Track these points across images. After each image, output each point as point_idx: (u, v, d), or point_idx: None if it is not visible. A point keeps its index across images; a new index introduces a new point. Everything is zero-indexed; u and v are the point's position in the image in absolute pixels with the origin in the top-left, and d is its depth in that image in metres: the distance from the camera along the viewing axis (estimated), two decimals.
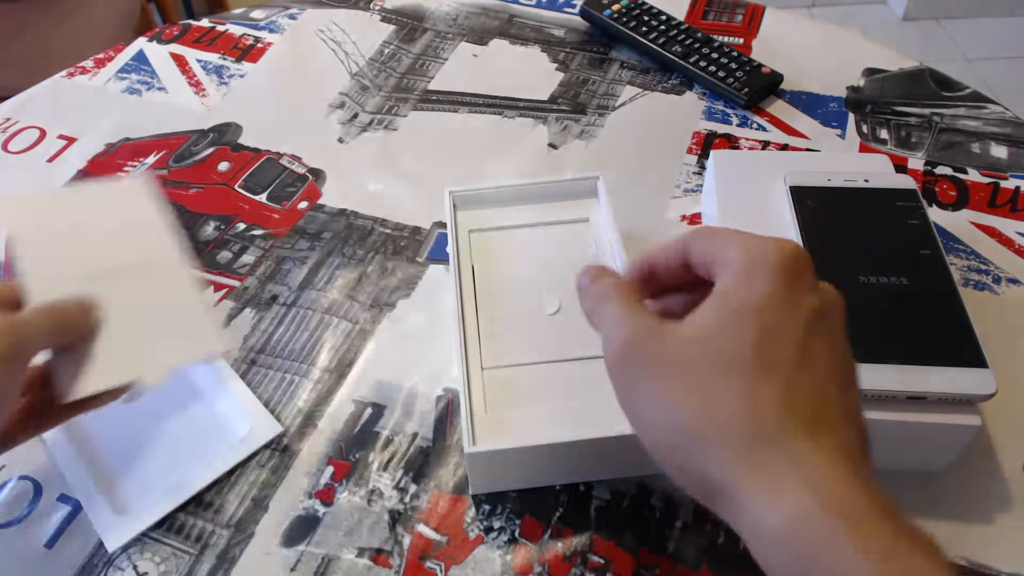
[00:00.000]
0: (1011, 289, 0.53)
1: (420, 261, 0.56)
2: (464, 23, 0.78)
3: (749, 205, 0.50)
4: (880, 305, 0.42)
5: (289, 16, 0.79)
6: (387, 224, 0.58)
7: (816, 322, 0.29)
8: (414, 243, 0.57)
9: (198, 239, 0.58)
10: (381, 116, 0.68)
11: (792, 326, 0.28)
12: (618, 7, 0.74)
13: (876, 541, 0.24)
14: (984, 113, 0.66)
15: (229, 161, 0.64)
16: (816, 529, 0.24)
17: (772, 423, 0.26)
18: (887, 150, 0.63)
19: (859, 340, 0.41)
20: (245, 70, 0.73)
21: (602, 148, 0.64)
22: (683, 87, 0.70)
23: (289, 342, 0.51)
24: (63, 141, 0.66)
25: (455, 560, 0.41)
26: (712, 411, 0.27)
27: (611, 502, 0.43)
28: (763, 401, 0.27)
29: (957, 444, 0.41)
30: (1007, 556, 0.41)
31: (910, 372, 0.39)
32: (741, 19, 0.77)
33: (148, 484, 0.44)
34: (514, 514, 0.43)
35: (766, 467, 0.26)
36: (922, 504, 0.42)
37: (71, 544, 0.42)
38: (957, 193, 0.59)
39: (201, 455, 0.45)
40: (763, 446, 0.26)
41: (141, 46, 0.76)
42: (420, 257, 0.56)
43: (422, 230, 0.58)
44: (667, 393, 0.28)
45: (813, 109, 0.67)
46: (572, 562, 0.41)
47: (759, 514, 0.25)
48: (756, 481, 0.26)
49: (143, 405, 0.45)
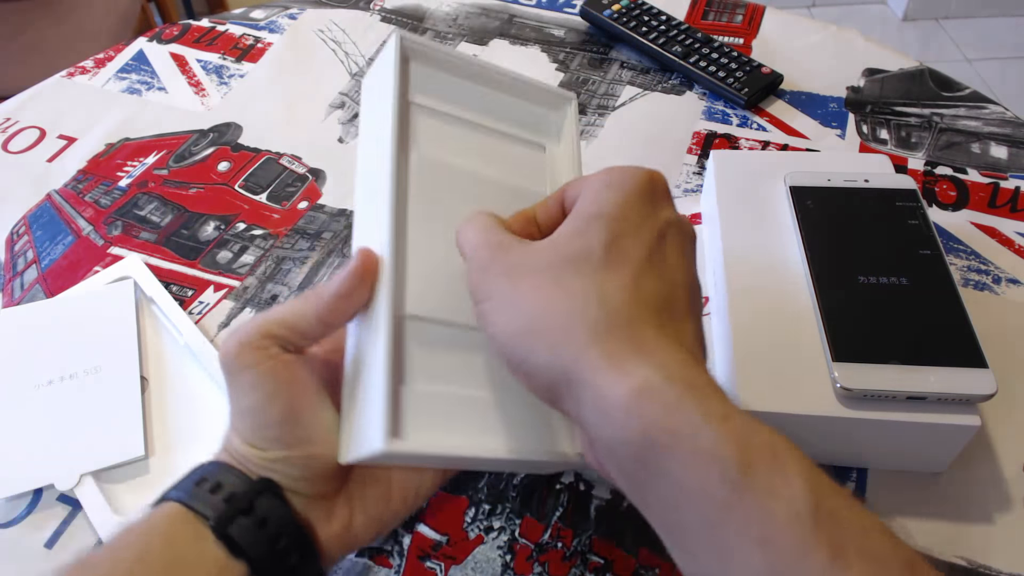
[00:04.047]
0: (1011, 289, 0.53)
1: None
2: (464, 23, 0.78)
3: (749, 205, 0.50)
4: (880, 305, 0.42)
5: (289, 16, 0.79)
6: None
7: (668, 232, 0.31)
8: None
9: (198, 239, 0.58)
10: None
11: (643, 229, 0.30)
12: (618, 7, 0.74)
13: (717, 406, 0.26)
14: (984, 113, 0.66)
15: (229, 161, 0.64)
16: (660, 397, 0.26)
17: (620, 313, 0.28)
18: (887, 150, 0.63)
19: (859, 340, 0.41)
20: (245, 70, 0.73)
21: (602, 148, 0.64)
22: (683, 87, 0.70)
23: None
24: (63, 141, 0.66)
25: (455, 560, 0.41)
26: (562, 304, 0.28)
27: (611, 502, 0.43)
28: (611, 293, 0.28)
29: (957, 444, 0.41)
30: (1007, 556, 0.41)
31: (910, 372, 0.39)
32: (741, 19, 0.77)
33: (148, 484, 0.44)
34: (514, 514, 0.43)
35: (613, 352, 0.27)
36: (922, 504, 0.42)
37: (71, 544, 0.42)
38: (957, 193, 0.59)
39: (200, 455, 0.45)
40: (610, 333, 0.27)
41: (141, 46, 0.76)
42: None
43: None
44: (521, 294, 0.29)
45: (813, 109, 0.67)
46: (572, 562, 0.41)
47: (606, 391, 0.26)
48: (605, 364, 0.27)
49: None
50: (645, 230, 0.30)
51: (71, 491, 0.43)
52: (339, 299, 0.32)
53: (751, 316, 0.44)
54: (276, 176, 0.63)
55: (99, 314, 0.52)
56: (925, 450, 0.42)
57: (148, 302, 0.53)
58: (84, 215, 0.60)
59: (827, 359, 0.41)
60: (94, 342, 0.50)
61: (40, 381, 0.48)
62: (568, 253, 0.29)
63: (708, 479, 0.25)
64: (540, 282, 0.29)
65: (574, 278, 0.28)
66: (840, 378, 0.39)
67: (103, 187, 0.62)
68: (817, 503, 0.24)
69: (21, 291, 0.55)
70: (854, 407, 0.40)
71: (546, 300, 0.28)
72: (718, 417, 0.25)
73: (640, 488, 0.27)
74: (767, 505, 0.24)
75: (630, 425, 0.26)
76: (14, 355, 0.49)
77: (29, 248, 0.58)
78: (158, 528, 0.32)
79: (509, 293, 0.29)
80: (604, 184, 0.31)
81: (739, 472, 0.24)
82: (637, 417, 0.26)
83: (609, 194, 0.31)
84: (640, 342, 0.27)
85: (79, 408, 0.47)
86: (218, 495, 0.32)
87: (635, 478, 0.27)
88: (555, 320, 0.28)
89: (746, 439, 0.25)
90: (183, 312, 0.52)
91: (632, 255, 0.29)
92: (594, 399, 0.27)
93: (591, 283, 0.28)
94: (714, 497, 0.25)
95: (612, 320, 0.28)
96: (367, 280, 0.33)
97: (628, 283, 0.29)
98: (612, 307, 0.28)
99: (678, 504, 0.26)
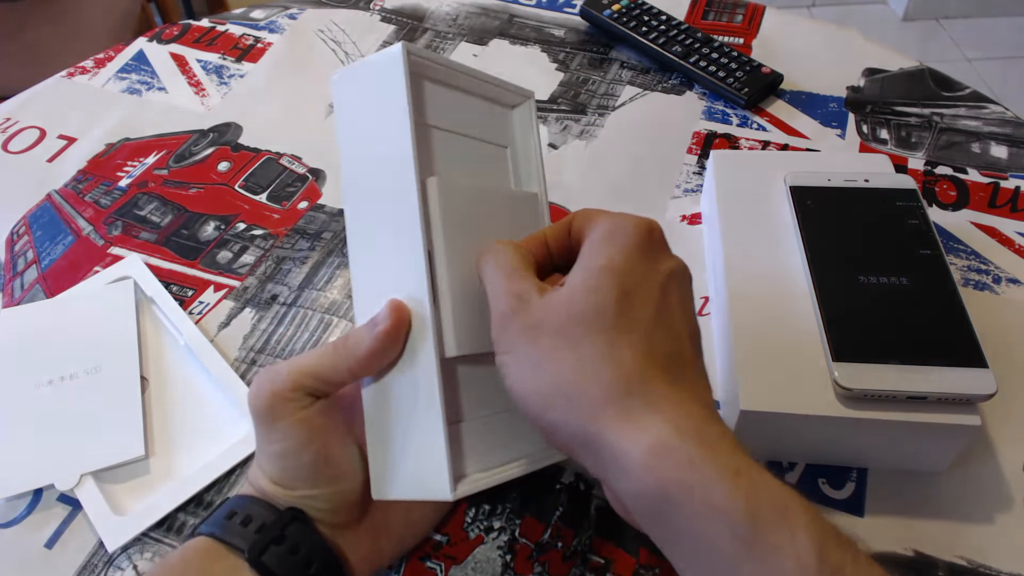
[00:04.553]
0: (1011, 289, 0.53)
1: None
2: (464, 23, 0.78)
3: (749, 205, 0.50)
4: (880, 305, 0.42)
5: (289, 16, 0.79)
6: None
7: (671, 283, 0.32)
8: None
9: (198, 239, 0.58)
10: None
11: (650, 285, 0.31)
12: (618, 7, 0.74)
13: (730, 460, 0.27)
14: (984, 113, 0.66)
15: (229, 161, 0.64)
16: (674, 454, 0.27)
17: (634, 373, 0.29)
18: (887, 150, 0.63)
19: (859, 340, 0.41)
20: (245, 70, 0.73)
21: (602, 148, 0.64)
22: (683, 87, 0.70)
23: (289, 342, 0.51)
24: (63, 141, 0.66)
25: (455, 560, 0.41)
26: (579, 368, 0.29)
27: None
28: (624, 354, 0.29)
29: (957, 444, 0.41)
30: (1007, 556, 0.41)
31: (910, 372, 0.39)
32: (741, 19, 0.77)
33: (148, 484, 0.44)
34: (514, 514, 0.43)
35: (629, 411, 0.28)
36: (922, 504, 0.42)
37: (71, 544, 0.42)
38: (957, 193, 0.59)
39: (201, 455, 0.45)
40: (626, 394, 0.28)
41: (141, 46, 0.76)
42: None
43: None
44: (539, 356, 0.30)
45: (813, 109, 0.67)
46: (572, 562, 0.41)
47: (623, 450, 0.27)
48: (621, 424, 0.28)
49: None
50: (650, 285, 0.31)
51: (71, 491, 0.43)
52: (373, 356, 0.33)
53: (751, 316, 0.44)
54: (276, 176, 0.63)
55: (99, 314, 0.52)
56: (925, 450, 0.42)
57: (148, 302, 0.53)
58: (84, 215, 0.60)
59: (827, 359, 0.41)
60: (94, 342, 0.50)
61: (40, 381, 0.48)
62: (583, 311, 0.30)
63: (719, 534, 0.26)
64: (557, 344, 0.30)
65: (590, 339, 0.29)
66: (840, 378, 0.39)
67: (103, 187, 0.62)
68: (822, 557, 0.25)
69: (21, 291, 0.55)
70: (854, 407, 0.40)
71: (563, 363, 0.29)
72: (730, 472, 0.26)
73: (660, 540, 0.28)
74: (775, 560, 0.25)
75: (647, 481, 0.27)
76: (14, 355, 0.49)
77: (29, 248, 0.58)
78: (194, 564, 0.34)
79: (527, 351, 0.30)
80: (608, 235, 0.32)
81: (748, 527, 0.25)
82: (653, 473, 0.27)
83: (613, 247, 0.31)
84: (653, 399, 0.28)
85: (79, 408, 0.47)
86: (249, 527, 0.34)
87: (654, 531, 0.28)
88: (572, 383, 0.29)
89: (756, 494, 0.26)
90: (183, 312, 0.52)
91: (641, 313, 0.30)
92: (611, 456, 0.28)
93: (605, 344, 0.29)
94: (725, 552, 0.26)
95: (626, 380, 0.29)
96: (400, 337, 0.33)
97: (640, 342, 0.30)
98: (626, 368, 0.29)
99: (693, 558, 0.27)
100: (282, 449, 0.34)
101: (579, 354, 0.29)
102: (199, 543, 0.34)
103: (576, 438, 0.29)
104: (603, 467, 0.29)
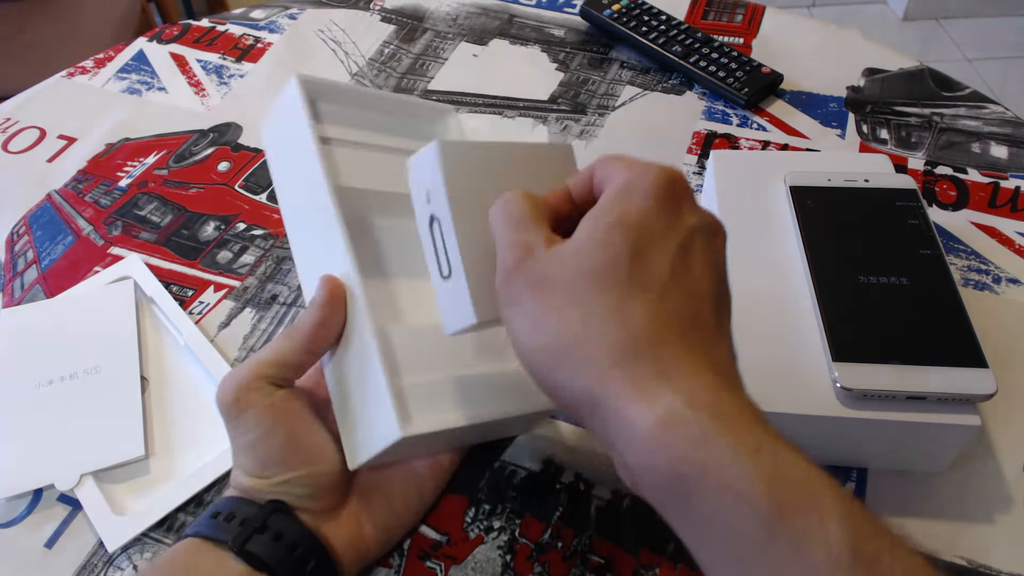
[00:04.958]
0: (1011, 289, 0.53)
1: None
2: (464, 23, 0.78)
3: (749, 205, 0.50)
4: (880, 305, 0.42)
5: (289, 16, 0.79)
6: None
7: (692, 241, 0.29)
8: None
9: (198, 239, 0.58)
10: None
11: (666, 242, 0.29)
12: (618, 7, 0.74)
13: (749, 435, 0.25)
14: (984, 113, 0.66)
15: (229, 161, 0.64)
16: (686, 428, 0.25)
17: (644, 335, 0.27)
18: (887, 150, 0.63)
19: (859, 340, 0.41)
20: (245, 70, 0.73)
21: (602, 148, 0.64)
22: (683, 87, 0.70)
23: None
24: (63, 141, 0.66)
25: (455, 560, 0.41)
26: (587, 326, 0.27)
27: (611, 502, 0.43)
28: (634, 314, 0.27)
29: (957, 444, 0.41)
30: (1007, 556, 0.41)
31: (910, 372, 0.39)
32: (741, 19, 0.77)
33: (148, 484, 0.44)
34: (514, 514, 0.43)
35: (638, 377, 0.26)
36: (922, 504, 0.42)
37: (71, 544, 0.42)
38: (957, 193, 0.59)
39: (201, 455, 0.45)
40: (636, 358, 0.26)
41: (141, 46, 0.76)
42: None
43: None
44: (546, 310, 0.28)
45: (813, 109, 0.67)
46: (572, 562, 0.41)
47: (632, 421, 0.25)
48: (630, 390, 0.26)
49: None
50: (669, 241, 0.29)
51: (71, 491, 0.43)
52: (319, 327, 0.36)
53: (751, 316, 0.44)
54: None
55: (99, 314, 0.52)
56: (925, 450, 0.42)
57: (148, 302, 0.53)
58: (84, 215, 0.60)
59: (827, 359, 0.41)
60: (94, 342, 0.50)
61: (40, 381, 0.48)
62: (593, 266, 0.28)
63: (739, 518, 0.23)
64: (564, 299, 0.28)
65: (598, 296, 0.27)
66: (840, 378, 0.39)
67: (103, 187, 0.62)
68: (856, 547, 0.22)
69: (21, 291, 0.55)
70: (854, 407, 0.40)
71: (569, 319, 0.27)
72: (749, 449, 0.24)
73: (671, 517, 0.26)
74: (801, 549, 0.23)
75: (657, 455, 0.25)
76: (14, 355, 0.49)
77: (29, 248, 0.58)
78: (180, 561, 0.35)
79: (533, 306, 0.28)
80: (624, 186, 0.29)
81: (770, 511, 0.23)
82: (663, 448, 0.25)
83: (628, 200, 0.29)
84: (665, 366, 0.26)
85: (79, 408, 0.47)
86: (232, 522, 0.35)
87: (666, 507, 0.26)
88: (578, 341, 0.27)
89: (778, 475, 0.24)
90: (183, 312, 0.52)
91: (656, 272, 0.28)
92: (619, 425, 0.26)
93: (614, 302, 0.27)
94: (745, 537, 0.23)
95: (635, 343, 0.26)
96: (339, 305, 0.36)
97: (652, 303, 0.27)
98: (635, 329, 0.27)
99: (708, 538, 0.25)
100: (253, 439, 0.36)
101: (586, 311, 0.27)
102: (186, 544, 0.35)
103: (583, 401, 0.27)
104: (611, 435, 0.27)
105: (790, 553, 0.23)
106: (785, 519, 0.23)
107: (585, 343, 0.27)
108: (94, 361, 0.49)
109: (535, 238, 0.30)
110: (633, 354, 0.26)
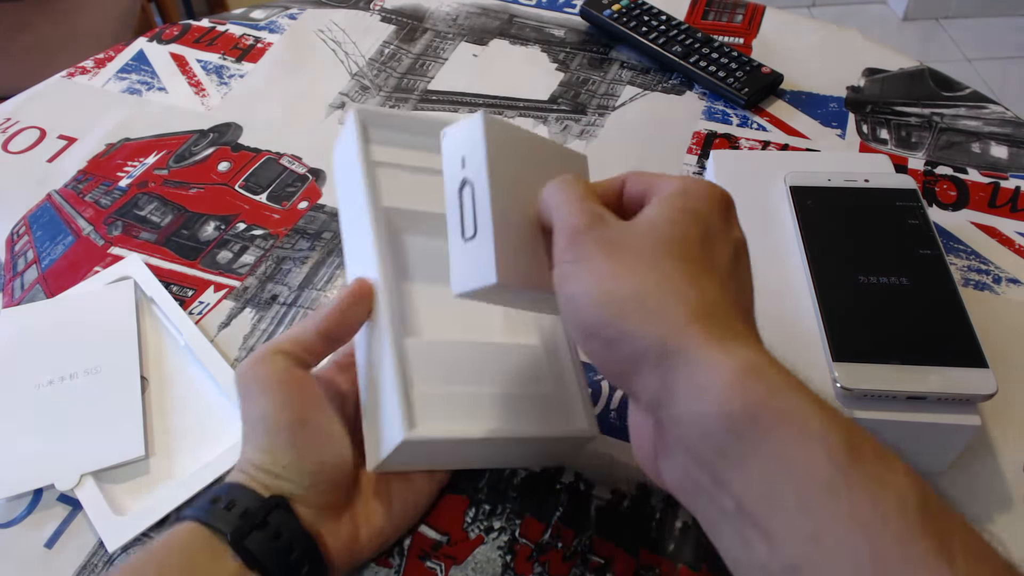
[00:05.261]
0: (1011, 289, 0.53)
1: None
2: (464, 23, 0.78)
3: (749, 205, 0.50)
4: (880, 305, 0.42)
5: (289, 16, 0.79)
6: None
7: (741, 251, 0.32)
8: None
9: (198, 239, 0.58)
10: None
11: (726, 242, 0.31)
12: (618, 7, 0.74)
13: (816, 397, 0.26)
14: (984, 113, 0.66)
15: (229, 161, 0.64)
16: (766, 378, 0.26)
17: (716, 304, 0.28)
18: (887, 150, 0.63)
19: (859, 340, 0.41)
20: (245, 70, 0.73)
21: (602, 148, 0.64)
22: (683, 87, 0.70)
23: None
24: (63, 141, 0.66)
25: (455, 560, 0.41)
26: (662, 284, 0.28)
27: (611, 502, 0.43)
28: (708, 285, 0.29)
29: (957, 444, 0.41)
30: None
31: (910, 372, 0.39)
32: (741, 19, 0.77)
33: (148, 484, 0.44)
34: (514, 514, 0.43)
35: (714, 332, 0.27)
36: None
37: (71, 544, 0.42)
38: (957, 193, 0.59)
39: (201, 455, 0.45)
40: (711, 318, 0.28)
41: (141, 46, 0.76)
42: None
43: None
44: (619, 268, 0.29)
45: (813, 109, 0.67)
46: (572, 562, 0.41)
47: (709, 367, 0.26)
48: (707, 342, 0.27)
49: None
50: (727, 243, 0.31)
51: (71, 491, 0.43)
52: (337, 313, 0.37)
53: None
54: (276, 176, 0.63)
55: (99, 314, 0.52)
56: (925, 450, 0.42)
57: (148, 302, 0.53)
58: (84, 215, 0.60)
59: (827, 359, 0.41)
60: (94, 342, 0.50)
61: (40, 381, 0.48)
62: (669, 238, 0.29)
63: (815, 458, 0.24)
64: (639, 259, 0.29)
65: (674, 263, 0.29)
66: (840, 378, 0.39)
67: (103, 187, 0.62)
68: (925, 497, 0.24)
69: (21, 291, 0.55)
70: (854, 407, 0.40)
71: (646, 277, 0.28)
72: (825, 405, 0.26)
73: (727, 465, 0.26)
74: (875, 491, 0.24)
75: (732, 400, 0.25)
76: (14, 355, 0.49)
77: (29, 248, 0.58)
78: (176, 546, 0.34)
79: (604, 262, 0.29)
80: (683, 190, 0.31)
81: (847, 456, 0.24)
82: (741, 393, 0.25)
83: (694, 200, 0.31)
84: (737, 332, 0.28)
85: (79, 408, 0.47)
86: (233, 511, 0.34)
87: (725, 453, 0.26)
88: (655, 295, 0.28)
89: (850, 429, 0.25)
90: (183, 312, 0.52)
91: (720, 262, 0.30)
92: (691, 373, 0.26)
93: (690, 272, 0.29)
94: (819, 477, 0.24)
95: (711, 308, 0.28)
96: (362, 299, 0.38)
97: (721, 283, 0.29)
98: (710, 297, 0.28)
99: (773, 481, 0.25)
100: (261, 411, 0.36)
101: (662, 274, 0.28)
102: (183, 528, 0.34)
103: (649, 350, 0.27)
104: (670, 387, 0.27)
105: (863, 494, 0.24)
106: (860, 464, 0.24)
107: (662, 298, 0.28)
108: (94, 361, 0.49)
109: (603, 211, 0.31)
110: (708, 315, 0.28)
